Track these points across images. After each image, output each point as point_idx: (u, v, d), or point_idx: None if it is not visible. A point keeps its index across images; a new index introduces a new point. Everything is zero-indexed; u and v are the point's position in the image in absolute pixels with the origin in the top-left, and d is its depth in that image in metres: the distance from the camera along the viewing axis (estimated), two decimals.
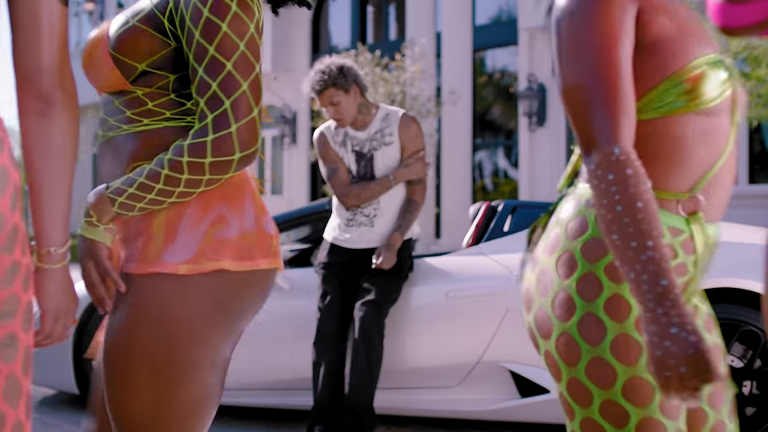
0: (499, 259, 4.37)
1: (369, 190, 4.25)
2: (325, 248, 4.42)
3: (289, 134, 18.83)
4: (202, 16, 1.56)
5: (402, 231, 4.25)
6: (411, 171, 4.27)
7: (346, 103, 4.22)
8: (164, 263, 1.58)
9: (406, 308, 4.36)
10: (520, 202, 4.70)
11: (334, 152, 4.38)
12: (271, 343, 4.60)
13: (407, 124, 4.31)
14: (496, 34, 15.67)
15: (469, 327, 4.28)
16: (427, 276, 4.41)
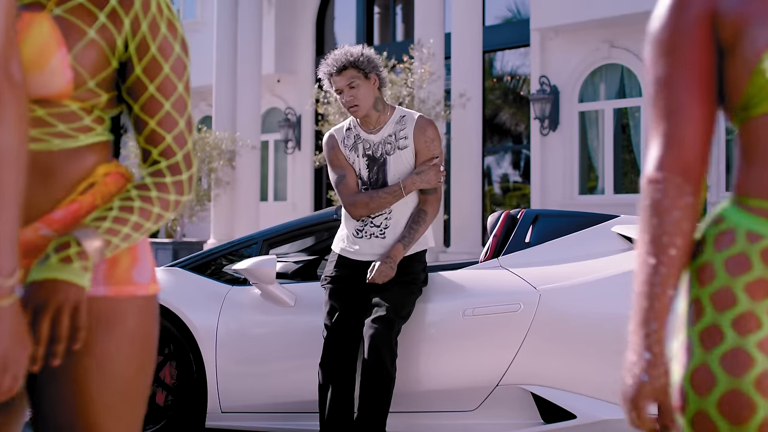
0: (520, 272, 4.11)
1: (378, 200, 4.01)
2: (332, 261, 4.17)
3: (292, 138, 18.60)
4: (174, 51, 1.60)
5: (406, 243, 4.00)
6: (424, 179, 4.02)
7: (365, 89, 4.01)
8: (136, 283, 1.59)
9: (420, 325, 4.11)
10: (542, 211, 4.45)
11: (343, 157, 4.14)
12: (274, 363, 4.36)
13: (423, 128, 4.07)
14: (507, 34, 15.44)
15: (489, 346, 4.03)
16: (443, 291, 4.16)
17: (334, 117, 12.51)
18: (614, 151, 13.88)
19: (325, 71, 4.04)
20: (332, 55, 4.05)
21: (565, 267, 4.11)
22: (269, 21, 18.22)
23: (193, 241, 15.59)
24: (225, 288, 4.51)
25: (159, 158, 1.62)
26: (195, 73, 19.60)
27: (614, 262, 4.09)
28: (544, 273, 4.09)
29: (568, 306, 3.96)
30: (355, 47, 4.07)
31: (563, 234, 4.30)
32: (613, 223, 4.33)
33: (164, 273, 4.65)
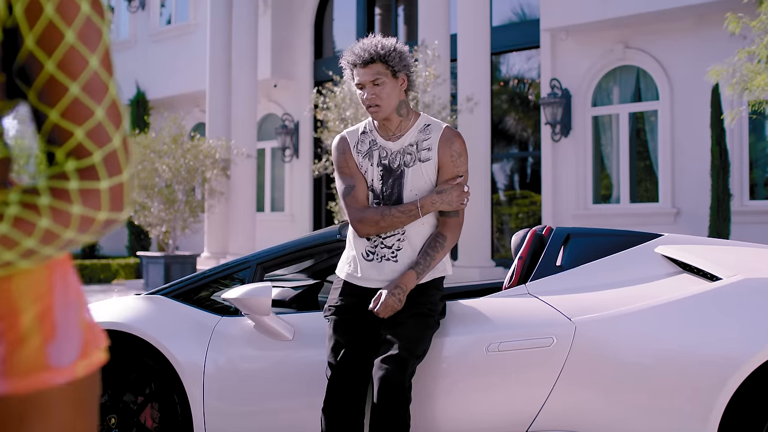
0: (552, 301, 3.66)
1: (390, 218, 3.57)
2: (336, 287, 3.72)
3: (290, 146, 18.16)
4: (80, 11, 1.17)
5: (419, 270, 3.57)
6: (445, 200, 3.58)
7: (390, 89, 3.57)
8: (54, 368, 1.18)
9: (438, 363, 3.65)
10: (574, 230, 4.01)
11: (355, 164, 3.70)
12: (269, 405, 3.90)
13: (450, 140, 3.64)
14: (515, 35, 15.02)
15: (517, 386, 3.58)
16: (463, 322, 3.70)
17: (334, 123, 12.08)
18: (630, 158, 13.44)
19: (349, 60, 3.61)
20: (360, 43, 3.61)
21: (604, 294, 3.66)
22: (265, 23, 17.81)
23: (186, 254, 15.14)
24: (214, 319, 4.06)
25: (66, 160, 1.18)
26: (188, 78, 19.25)
27: (660, 288, 3.64)
28: (579, 301, 3.64)
29: (608, 340, 3.51)
30: (389, 39, 3.63)
31: (599, 255, 3.85)
32: (657, 243, 3.89)
33: (144, 302, 4.20)
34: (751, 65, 8.68)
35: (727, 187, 11.56)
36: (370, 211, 3.60)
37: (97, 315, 4.19)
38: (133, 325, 4.03)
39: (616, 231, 4.06)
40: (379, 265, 3.63)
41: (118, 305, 4.22)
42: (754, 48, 8.71)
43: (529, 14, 15.04)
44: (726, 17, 9.04)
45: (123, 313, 4.13)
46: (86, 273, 18.08)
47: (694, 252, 3.76)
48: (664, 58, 13.02)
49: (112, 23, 22.14)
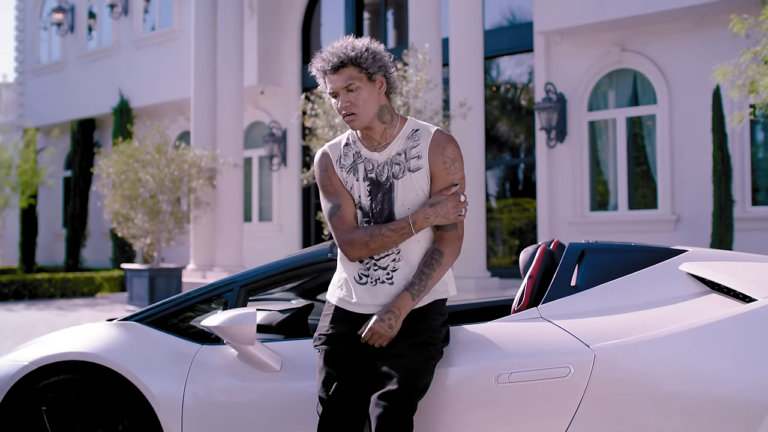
0: (567, 325, 3.32)
1: (380, 238, 3.22)
2: (327, 314, 3.37)
3: (278, 154, 17.80)
4: None
5: (414, 291, 3.21)
6: (440, 212, 3.22)
7: (367, 95, 3.22)
8: None
9: (441, 396, 3.30)
10: (589, 245, 3.66)
11: (339, 181, 3.35)
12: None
13: (441, 145, 3.27)
14: (508, 39, 14.71)
15: (530, 421, 3.24)
16: (469, 350, 3.35)
17: (323, 131, 11.73)
18: (628, 164, 13.12)
19: (318, 67, 3.26)
20: (330, 47, 3.26)
21: (625, 318, 3.32)
22: (251, 28, 17.46)
23: (171, 267, 14.74)
24: (193, 347, 3.70)
25: None
26: (172, 85, 18.87)
27: (688, 310, 3.30)
28: (598, 326, 3.29)
29: (631, 369, 3.17)
30: (361, 40, 3.27)
31: (618, 274, 3.51)
32: (681, 260, 3.55)
33: (116, 329, 3.84)
34: (757, 66, 8.38)
35: (729, 193, 11.25)
36: (358, 232, 3.25)
37: (65, 344, 3.84)
38: (103, 356, 3.68)
39: (635, 246, 3.71)
40: (373, 289, 3.28)
41: (88, 333, 3.87)
42: (760, 48, 8.40)
43: (521, 17, 14.74)
44: (731, 18, 8.75)
45: (93, 342, 3.78)
46: (69, 286, 17.70)
47: (722, 269, 3.42)
48: (662, 60, 12.72)
49: (95, 29, 21.77)
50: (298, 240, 17.70)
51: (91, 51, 21.69)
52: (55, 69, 22.84)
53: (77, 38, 22.13)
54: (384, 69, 3.25)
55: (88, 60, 21.69)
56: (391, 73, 3.28)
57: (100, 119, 21.78)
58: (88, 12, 21.92)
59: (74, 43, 22.21)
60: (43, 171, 20.11)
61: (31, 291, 17.32)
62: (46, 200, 23.58)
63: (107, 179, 15.14)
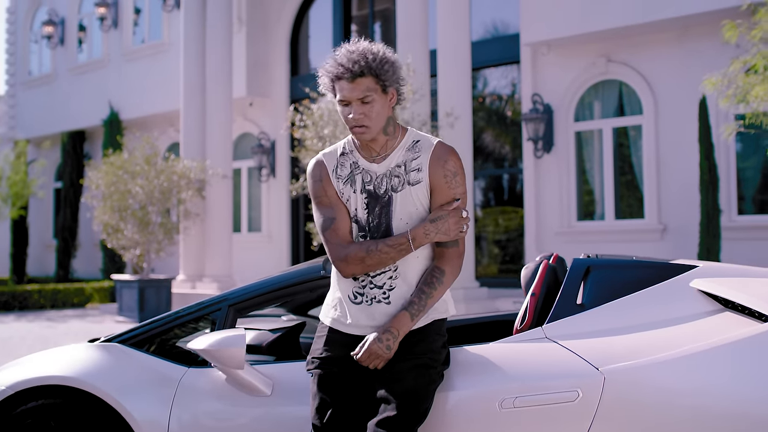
0: (575, 346, 3.07)
1: (377, 255, 2.95)
2: (321, 335, 3.11)
3: (267, 165, 17.52)
4: None
5: (413, 311, 2.95)
6: (440, 229, 2.96)
7: (380, 107, 2.95)
8: None
9: (443, 424, 3.04)
10: (594, 261, 3.41)
11: (334, 192, 3.08)
12: None
13: (442, 158, 3.01)
14: (494, 50, 14.50)
15: None
16: (471, 374, 3.10)
17: (312, 142, 11.47)
18: (614, 174, 12.91)
19: (332, 72, 2.95)
20: (345, 51, 2.95)
21: (636, 338, 3.07)
22: (240, 40, 17.20)
23: (160, 278, 14.44)
24: (179, 370, 3.43)
25: None
26: (162, 97, 18.58)
27: (701, 330, 3.06)
28: (607, 347, 3.04)
29: (643, 393, 2.92)
30: (376, 46, 2.98)
31: (626, 291, 3.26)
32: (691, 276, 3.30)
33: (98, 351, 3.57)
34: (747, 76, 8.17)
35: (716, 202, 11.05)
36: (353, 247, 2.99)
37: (44, 367, 3.56)
38: (84, 380, 3.41)
39: (643, 261, 3.47)
40: (369, 309, 3.02)
41: (68, 356, 3.59)
42: (750, 58, 8.20)
43: (508, 29, 14.53)
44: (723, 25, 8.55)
45: (73, 365, 3.50)
46: (59, 297, 17.37)
47: (735, 286, 3.18)
48: (647, 71, 12.53)
49: (85, 42, 21.46)
50: (287, 250, 17.43)
51: (81, 63, 21.38)
52: (46, 81, 22.51)
53: (67, 51, 21.81)
54: (398, 81, 2.99)
55: (79, 72, 21.38)
56: (403, 84, 3.02)
57: (91, 131, 21.47)
58: (79, 25, 21.61)
59: (64, 55, 21.89)
60: (34, 182, 19.77)
61: (21, 302, 16.99)
62: (36, 211, 23.22)
63: (97, 190, 14.84)
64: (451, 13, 12.23)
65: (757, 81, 7.97)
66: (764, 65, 7.90)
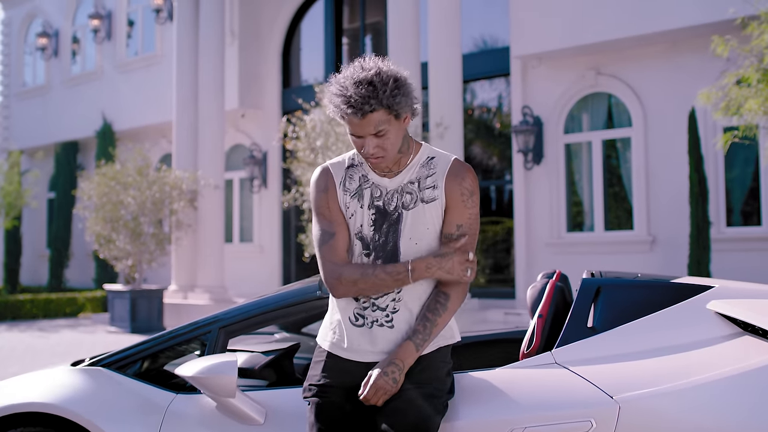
0: (587, 373, 2.82)
1: (371, 280, 2.70)
2: (319, 361, 2.85)
3: (258, 176, 17.25)
4: None
5: (418, 341, 2.69)
6: (443, 266, 2.70)
7: (395, 135, 2.68)
8: None
9: None
10: (605, 281, 3.16)
11: (338, 206, 2.82)
12: None
13: (459, 175, 2.77)
14: (485, 63, 14.28)
15: None
16: (478, 402, 2.84)
17: (304, 153, 11.21)
18: (603, 186, 12.70)
19: (342, 109, 2.63)
20: (352, 83, 2.61)
21: (650, 364, 2.82)
22: (233, 53, 16.94)
23: (152, 288, 14.13)
24: (166, 396, 3.16)
25: None
26: (154, 109, 18.27)
27: (718, 355, 2.81)
28: (621, 374, 2.80)
29: (661, 423, 2.67)
30: (385, 69, 2.64)
31: (639, 313, 3.01)
32: (708, 297, 3.05)
33: (80, 376, 3.29)
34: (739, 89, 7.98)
35: (706, 214, 10.85)
36: (349, 268, 2.73)
37: (25, 393, 3.28)
38: (66, 407, 3.13)
39: (656, 281, 3.22)
40: (370, 333, 2.75)
41: (49, 381, 3.31)
42: (742, 71, 8.00)
43: (498, 42, 14.32)
44: (712, 40, 8.36)
45: (55, 390, 3.23)
46: (52, 307, 17.05)
47: (755, 308, 2.93)
48: (636, 84, 12.33)
49: (79, 54, 21.17)
50: (278, 261, 17.15)
51: (74, 75, 21.07)
52: (40, 93, 22.19)
53: (61, 62, 21.50)
54: (412, 103, 2.69)
55: (72, 84, 21.07)
56: (416, 103, 2.73)
57: (84, 142, 21.15)
58: (72, 37, 21.30)
59: (58, 67, 21.58)
60: (27, 193, 19.47)
61: (14, 312, 16.66)
62: (30, 221, 22.87)
63: (89, 201, 14.54)
64: (443, 26, 12.02)
65: (750, 94, 7.77)
66: (758, 78, 7.69)
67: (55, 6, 21.85)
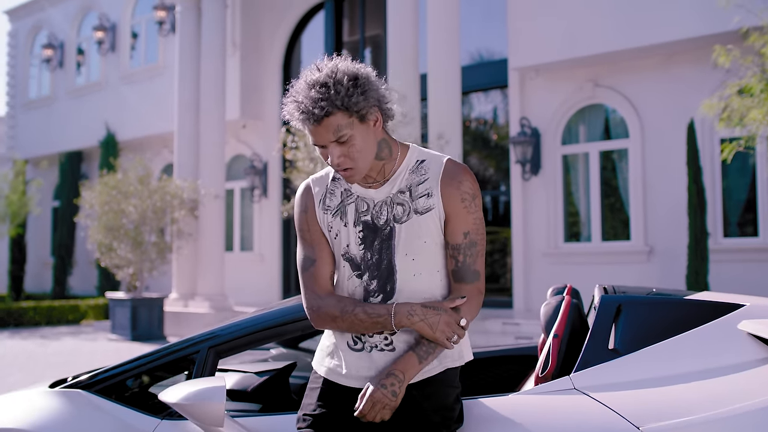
0: (609, 400, 2.48)
1: (350, 318, 2.34)
2: (314, 387, 2.50)
3: (259, 186, 16.91)
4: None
5: (421, 353, 2.31)
6: (428, 319, 2.29)
7: (362, 140, 2.29)
8: None
9: None
10: (626, 298, 2.81)
11: (318, 228, 2.46)
12: None
13: (456, 177, 2.39)
14: (483, 75, 13.97)
15: None
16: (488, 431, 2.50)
17: (304, 163, 10.88)
18: (601, 196, 12.37)
19: (296, 118, 2.29)
20: (304, 87, 2.27)
21: (679, 391, 2.48)
22: (234, 64, 16.62)
23: (153, 297, 13.78)
24: (150, 422, 2.81)
25: None
26: (157, 119, 17.93)
27: (753, 381, 2.47)
28: (647, 401, 2.45)
29: None
30: (342, 67, 2.31)
31: (664, 334, 2.66)
32: (739, 317, 2.71)
33: (57, 400, 2.94)
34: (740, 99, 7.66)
35: (704, 225, 10.52)
36: (329, 301, 2.38)
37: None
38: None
39: (682, 299, 2.87)
40: (369, 357, 2.40)
41: (25, 404, 2.96)
42: (744, 81, 7.69)
43: (497, 54, 14.00)
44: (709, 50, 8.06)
45: (30, 415, 2.88)
46: (55, 314, 16.69)
47: None
48: (633, 95, 12.02)
49: (83, 65, 20.85)
50: (278, 269, 16.79)
51: (79, 86, 20.74)
52: (45, 103, 21.86)
53: (66, 74, 21.18)
54: (377, 99, 2.31)
55: (77, 95, 20.74)
56: (384, 100, 2.35)
57: (88, 152, 20.82)
58: (77, 48, 20.97)
59: (63, 78, 21.26)
60: (31, 201, 19.14)
61: (17, 319, 16.31)
62: (35, 229, 22.52)
63: (91, 210, 14.20)
64: (442, 39, 11.69)
65: (753, 104, 7.45)
66: (761, 88, 7.37)
67: (61, 18, 21.55)
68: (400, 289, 2.37)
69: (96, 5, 20.36)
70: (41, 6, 22.21)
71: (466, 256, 2.39)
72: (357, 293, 2.40)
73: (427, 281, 2.40)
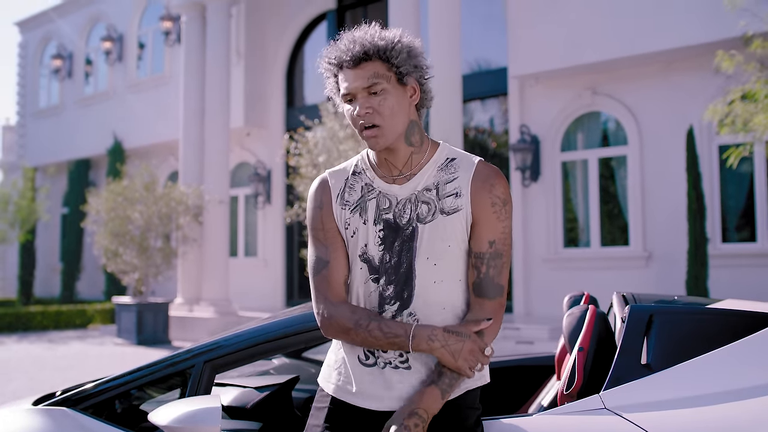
0: (645, 422, 2.16)
1: (363, 334, 2.04)
2: (321, 407, 2.18)
3: (263, 193, 16.59)
4: None
5: (444, 386, 2.00)
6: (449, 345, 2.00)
7: (395, 101, 2.03)
8: None
9: None
10: (657, 308, 2.49)
11: (334, 226, 2.15)
12: None
13: (488, 180, 2.09)
14: (483, 83, 13.67)
15: None
16: None
17: (307, 169, 10.58)
18: (600, 202, 12.06)
19: (332, 58, 2.07)
20: (349, 34, 2.08)
21: (721, 412, 2.16)
22: (238, 73, 16.33)
23: (158, 302, 13.46)
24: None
25: None
26: (163, 127, 17.62)
27: None
28: (686, 422, 2.13)
29: None
30: (391, 30, 2.08)
31: (702, 347, 2.34)
32: None
33: (43, 418, 2.62)
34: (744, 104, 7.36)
35: (703, 231, 10.20)
36: (342, 310, 2.07)
37: None
38: None
39: (717, 309, 2.55)
40: (382, 375, 2.08)
41: (5, 423, 2.64)
42: (748, 86, 7.38)
43: (496, 62, 13.70)
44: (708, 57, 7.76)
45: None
46: (62, 318, 16.36)
47: None
48: (632, 102, 11.72)
49: (91, 75, 20.56)
50: (282, 274, 16.46)
51: (87, 95, 20.46)
52: (54, 112, 21.57)
53: (75, 83, 20.90)
54: (420, 69, 2.06)
55: (85, 104, 20.45)
56: (426, 76, 2.09)
57: (96, 159, 20.53)
58: (86, 59, 20.68)
59: (72, 87, 20.97)
60: (40, 207, 18.85)
61: (25, 323, 16.00)
62: (44, 235, 22.22)
63: (97, 216, 13.90)
64: (443, 47, 11.38)
65: (757, 110, 7.15)
66: (765, 93, 7.07)
67: (69, 29, 21.28)
68: (417, 295, 2.06)
69: (104, 16, 20.10)
70: (50, 18, 21.94)
71: (489, 268, 2.08)
72: (371, 300, 2.09)
73: (448, 290, 2.08)
